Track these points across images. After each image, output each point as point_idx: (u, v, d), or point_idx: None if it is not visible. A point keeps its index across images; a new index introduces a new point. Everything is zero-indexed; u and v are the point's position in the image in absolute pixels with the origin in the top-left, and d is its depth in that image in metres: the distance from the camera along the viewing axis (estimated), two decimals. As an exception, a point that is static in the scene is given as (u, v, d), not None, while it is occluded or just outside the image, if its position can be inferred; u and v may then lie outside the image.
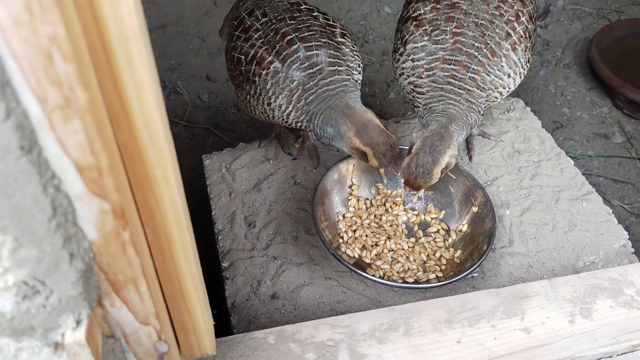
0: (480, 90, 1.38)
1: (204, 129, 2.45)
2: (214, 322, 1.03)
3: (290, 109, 1.40)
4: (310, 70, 1.38)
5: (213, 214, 1.54)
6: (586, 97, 2.55)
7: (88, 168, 0.57)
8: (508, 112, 1.77)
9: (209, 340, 0.95)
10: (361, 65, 1.48)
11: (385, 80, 2.63)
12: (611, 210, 1.51)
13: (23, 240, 0.59)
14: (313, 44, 1.40)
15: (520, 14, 1.42)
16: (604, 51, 2.56)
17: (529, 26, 1.43)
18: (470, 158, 1.62)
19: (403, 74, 1.45)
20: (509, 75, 1.40)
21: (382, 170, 1.37)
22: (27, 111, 0.52)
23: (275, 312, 1.32)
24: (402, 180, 1.34)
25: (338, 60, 1.41)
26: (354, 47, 1.48)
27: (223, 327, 1.39)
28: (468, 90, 1.37)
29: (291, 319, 1.31)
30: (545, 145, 1.66)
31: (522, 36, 1.41)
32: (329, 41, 1.42)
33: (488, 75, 1.38)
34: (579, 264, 1.40)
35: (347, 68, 1.42)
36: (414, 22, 1.43)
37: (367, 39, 2.85)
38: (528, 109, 1.78)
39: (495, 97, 1.42)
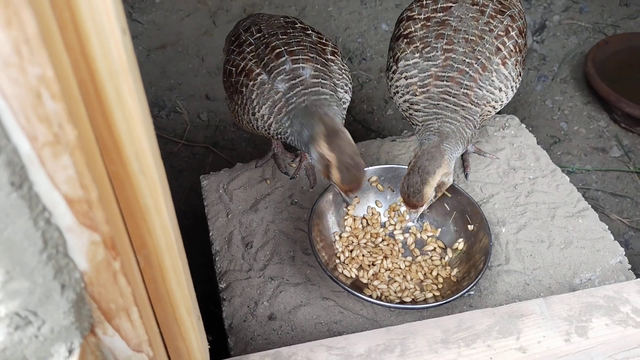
0: (474, 106, 1.40)
1: (203, 147, 2.47)
2: (209, 347, 1.04)
3: (272, 119, 1.43)
4: (293, 82, 1.40)
5: (210, 234, 1.55)
6: (583, 112, 2.56)
7: (78, 201, 0.59)
8: (503, 129, 1.78)
9: (204, 365, 0.96)
10: (349, 84, 1.50)
11: (383, 97, 2.65)
12: (607, 227, 1.51)
13: (14, 273, 0.60)
14: (300, 57, 1.43)
15: (510, 29, 1.44)
16: (601, 65, 2.58)
17: (519, 40, 1.45)
18: (466, 176, 1.63)
19: (397, 92, 1.47)
20: (500, 90, 1.42)
21: (342, 190, 1.33)
22: (17, 148, 0.53)
23: (273, 333, 1.33)
24: (401, 200, 1.35)
25: (323, 75, 1.43)
26: (343, 66, 1.50)
27: (221, 348, 1.39)
28: (463, 106, 1.39)
29: (288, 340, 1.31)
30: (540, 162, 1.67)
31: (512, 50, 1.43)
32: (317, 56, 1.44)
33: (480, 90, 1.39)
34: (576, 281, 1.41)
35: (332, 85, 1.44)
36: (405, 40, 1.46)
37: (365, 56, 2.87)
38: (523, 125, 1.79)
39: (489, 112, 1.44)
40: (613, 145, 2.41)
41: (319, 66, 1.43)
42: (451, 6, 1.46)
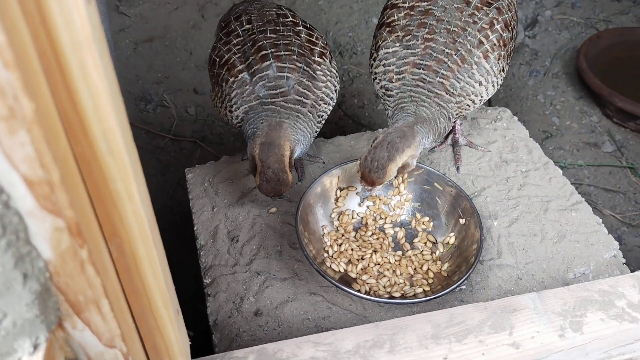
0: (450, 95, 1.38)
1: (191, 142, 2.42)
2: (190, 342, 0.99)
3: (244, 123, 1.42)
4: (273, 91, 1.37)
5: (195, 228, 1.50)
6: (575, 107, 2.54)
7: (38, 182, 0.54)
8: (495, 121, 1.74)
9: (183, 361, 0.91)
10: (334, 91, 1.47)
11: (374, 91, 2.61)
12: (601, 220, 1.48)
13: (-30, 260, 0.55)
14: (287, 65, 1.39)
15: (495, 22, 1.41)
16: (593, 60, 2.55)
17: (504, 34, 1.42)
18: (457, 169, 1.59)
19: (376, 78, 1.46)
20: (480, 83, 1.39)
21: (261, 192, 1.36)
22: (-31, 123, 0.49)
23: (259, 330, 1.28)
24: (359, 174, 1.31)
25: (306, 92, 1.40)
26: (329, 70, 1.46)
27: (206, 346, 1.35)
28: (437, 93, 1.37)
29: (275, 336, 1.27)
30: (533, 154, 1.64)
31: (495, 44, 1.40)
32: (305, 67, 1.40)
33: (458, 81, 1.37)
34: (569, 275, 1.37)
35: (313, 102, 1.41)
36: (387, 28, 1.44)
37: (356, 50, 2.83)
38: (515, 118, 1.76)
39: (468, 105, 1.41)
40: (605, 140, 2.39)
41: (304, 80, 1.39)
42: None
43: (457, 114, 1.41)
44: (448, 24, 1.39)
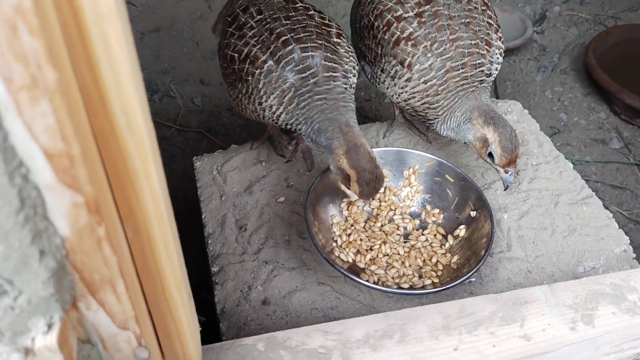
0: (488, 77, 1.43)
1: (197, 132, 2.41)
2: (200, 328, 0.98)
3: (281, 110, 1.36)
4: (303, 74, 1.33)
5: (203, 217, 1.49)
6: (583, 103, 2.53)
7: (58, 155, 0.53)
8: (505, 114, 1.73)
9: (194, 347, 0.90)
10: (357, 67, 1.43)
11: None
12: (611, 215, 1.47)
13: (-13, 235, 0.54)
14: (309, 45, 1.35)
15: (487, 1, 1.48)
16: (601, 57, 2.54)
17: (493, 12, 1.49)
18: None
19: (414, 97, 1.44)
20: (499, 64, 1.46)
21: (360, 198, 1.31)
22: (-9, 92, 0.48)
23: (266, 319, 1.28)
24: (502, 166, 1.35)
25: (334, 65, 1.36)
26: (349, 47, 1.44)
27: (212, 334, 1.34)
28: (481, 80, 1.41)
29: (282, 325, 1.26)
30: (543, 148, 1.63)
31: (497, 21, 1.47)
32: (326, 43, 1.38)
33: (491, 64, 1.43)
34: (579, 269, 1.36)
35: (343, 73, 1.38)
36: (410, 42, 1.40)
37: (363, 43, 2.82)
38: (526, 111, 1.75)
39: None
40: (613, 137, 2.38)
41: (328, 54, 1.36)
42: None
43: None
44: (459, 18, 1.40)
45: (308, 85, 1.33)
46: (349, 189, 1.30)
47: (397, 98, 1.48)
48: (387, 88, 1.49)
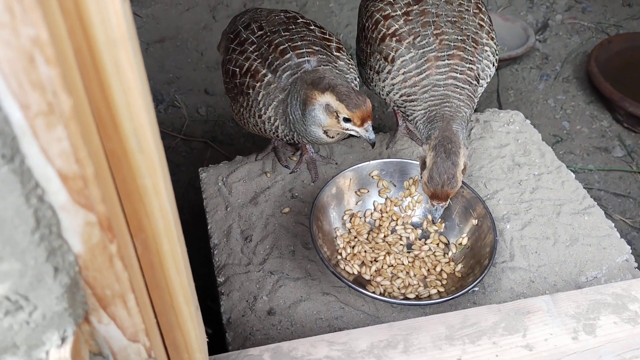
0: (477, 82, 1.41)
1: (201, 142, 2.44)
2: (207, 340, 1.00)
3: (278, 121, 1.38)
4: (296, 75, 1.35)
5: (209, 227, 1.51)
6: (586, 111, 2.54)
7: (73, 177, 0.55)
8: (508, 124, 1.75)
9: (201, 358, 0.92)
10: (357, 79, 1.45)
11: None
12: (613, 224, 1.49)
13: (4, 253, 0.56)
14: (304, 50, 1.38)
15: (480, 4, 1.49)
16: (603, 65, 2.55)
17: (488, 15, 1.50)
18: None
19: (393, 89, 1.44)
20: (492, 64, 1.45)
21: (360, 127, 1.28)
22: (9, 117, 0.50)
23: (272, 329, 1.29)
24: (428, 196, 1.30)
25: (327, 64, 1.38)
26: (349, 60, 1.46)
27: (219, 344, 1.36)
28: (470, 82, 1.38)
29: (288, 335, 1.28)
30: (545, 158, 1.64)
31: (490, 25, 1.47)
32: (322, 49, 1.40)
33: (480, 63, 1.41)
34: (582, 278, 1.38)
35: (338, 72, 1.39)
36: (394, 38, 1.42)
37: (366, 53, 2.84)
38: (528, 121, 1.76)
39: (482, 88, 1.45)
40: (616, 145, 2.39)
41: (323, 57, 1.39)
42: None
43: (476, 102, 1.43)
44: (447, 16, 1.42)
45: (297, 78, 1.34)
46: (341, 129, 1.30)
47: (381, 93, 1.49)
48: (374, 85, 1.50)
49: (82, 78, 0.55)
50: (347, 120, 1.27)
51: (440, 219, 1.45)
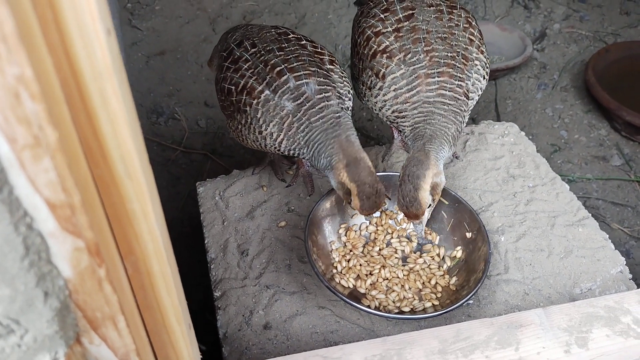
0: (468, 99, 1.42)
1: (201, 154, 2.46)
2: (201, 357, 1.01)
3: (282, 136, 1.39)
4: (299, 101, 1.37)
5: (206, 242, 1.53)
6: (584, 120, 2.55)
7: (60, 206, 0.57)
8: (502, 137, 1.76)
9: (195, 375, 0.93)
10: (351, 91, 1.47)
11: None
12: (607, 236, 1.49)
13: (-5, 279, 0.58)
14: (302, 73, 1.39)
15: (470, 19, 1.50)
16: (601, 74, 2.56)
17: (478, 29, 1.52)
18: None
19: (385, 105, 1.46)
20: (483, 77, 1.46)
21: (361, 214, 1.35)
22: (-3, 150, 0.52)
23: (268, 343, 1.30)
24: (406, 215, 1.33)
25: (326, 87, 1.40)
26: (342, 73, 1.48)
27: (216, 358, 1.37)
28: (457, 99, 1.39)
29: (284, 349, 1.29)
30: (540, 170, 1.65)
31: (480, 39, 1.49)
32: (318, 69, 1.42)
33: (469, 79, 1.42)
34: (576, 290, 1.38)
35: (337, 94, 1.41)
36: (385, 55, 1.45)
37: (364, 63, 2.86)
38: (522, 133, 1.77)
39: (473, 101, 1.46)
40: (614, 153, 2.40)
41: (321, 79, 1.40)
42: (412, 13, 1.47)
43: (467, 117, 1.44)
44: (437, 32, 1.44)
45: (303, 109, 1.37)
46: (350, 204, 1.34)
47: (374, 108, 1.51)
48: (367, 100, 1.52)
49: (69, 109, 0.57)
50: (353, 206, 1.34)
51: (429, 231, 1.46)
